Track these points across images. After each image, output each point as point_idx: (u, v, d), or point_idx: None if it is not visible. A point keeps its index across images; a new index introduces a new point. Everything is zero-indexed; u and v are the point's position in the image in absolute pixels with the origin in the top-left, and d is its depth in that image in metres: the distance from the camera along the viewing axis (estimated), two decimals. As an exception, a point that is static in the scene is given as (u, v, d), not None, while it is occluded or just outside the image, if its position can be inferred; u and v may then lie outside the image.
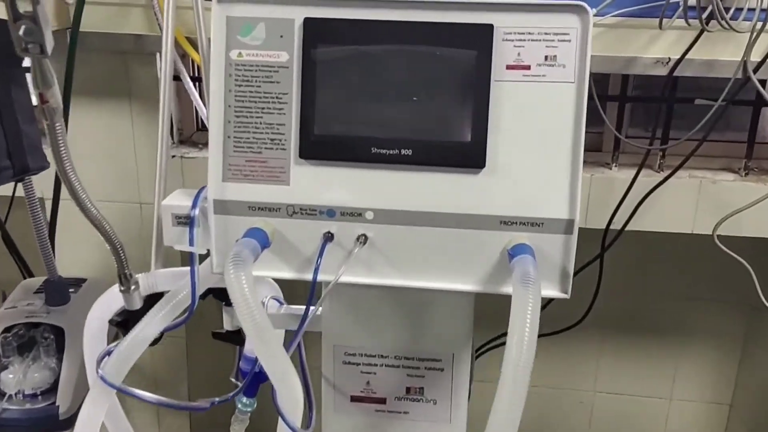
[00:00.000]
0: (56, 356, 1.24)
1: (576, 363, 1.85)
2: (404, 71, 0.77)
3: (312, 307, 0.80)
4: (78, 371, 1.23)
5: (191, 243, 0.80)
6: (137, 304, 0.85)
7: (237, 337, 1.03)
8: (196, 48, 1.20)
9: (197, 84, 1.37)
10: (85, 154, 1.36)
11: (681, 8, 1.12)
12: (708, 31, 1.15)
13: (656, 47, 1.23)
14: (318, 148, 0.79)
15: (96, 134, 1.42)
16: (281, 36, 0.78)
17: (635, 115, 1.51)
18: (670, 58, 1.23)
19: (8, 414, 1.21)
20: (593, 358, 1.85)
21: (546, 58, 0.75)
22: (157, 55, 1.36)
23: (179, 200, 0.83)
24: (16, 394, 1.21)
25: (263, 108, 0.79)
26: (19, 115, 1.06)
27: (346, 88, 0.77)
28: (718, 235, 1.32)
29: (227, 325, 1.03)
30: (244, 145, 0.80)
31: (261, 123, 0.79)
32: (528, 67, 0.76)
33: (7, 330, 1.24)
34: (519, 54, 0.75)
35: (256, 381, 1.06)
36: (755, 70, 1.20)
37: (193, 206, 0.81)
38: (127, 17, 1.29)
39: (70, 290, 1.34)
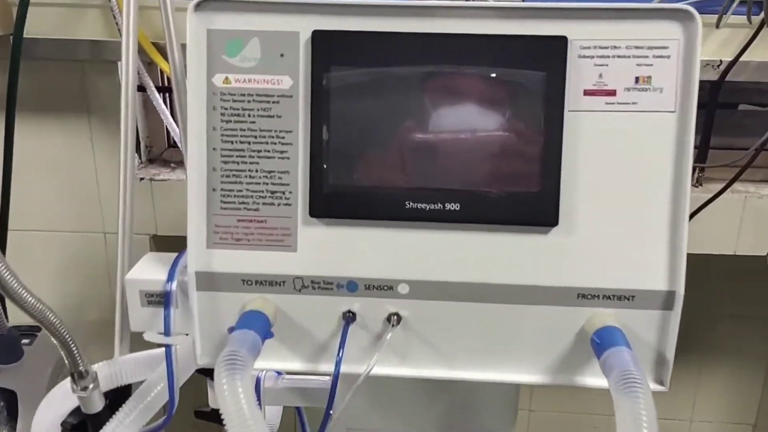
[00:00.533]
0: (8, 425, 1.07)
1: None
2: (448, 100, 0.57)
3: (331, 413, 0.61)
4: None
5: (167, 332, 0.60)
6: (97, 406, 0.65)
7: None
8: (165, 56, 1.01)
9: (166, 96, 1.18)
10: (34, 179, 1.22)
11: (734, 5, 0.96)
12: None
13: (705, 48, 1.07)
14: (334, 203, 0.59)
15: (49, 155, 1.26)
16: (282, 55, 0.58)
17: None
18: (721, 61, 1.07)
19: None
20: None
21: (637, 80, 0.57)
22: (119, 63, 1.19)
23: (149, 271, 0.63)
24: (-37, 470, 1.04)
25: (260, 151, 0.59)
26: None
27: (370, 123, 0.58)
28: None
29: (212, 403, 0.84)
30: (236, 200, 0.60)
31: (257, 170, 0.60)
32: (613, 93, 0.57)
33: (-49, 394, 1.07)
34: (601, 75, 0.57)
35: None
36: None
37: (169, 279, 0.61)
38: (81, 21, 1.13)
39: (23, 342, 1.16)
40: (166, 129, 1.38)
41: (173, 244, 0.90)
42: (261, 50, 0.58)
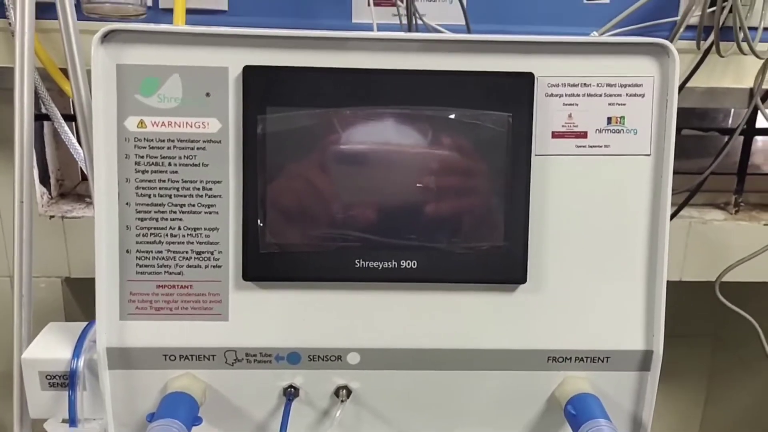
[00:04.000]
0: None
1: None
2: (403, 146, 0.50)
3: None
4: None
5: (72, 420, 0.50)
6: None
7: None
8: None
9: (74, 124, 1.08)
10: None
11: (682, 26, 0.93)
12: (720, 55, 0.97)
13: None
14: (271, 264, 0.51)
15: None
16: (208, 94, 0.50)
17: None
18: None
19: None
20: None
21: (610, 120, 0.51)
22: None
23: (51, 347, 0.53)
24: None
25: (183, 205, 0.51)
26: None
27: (311, 172, 0.50)
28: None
29: None
30: (155, 263, 0.51)
31: (180, 228, 0.51)
32: (584, 135, 0.51)
33: None
34: (571, 116, 0.51)
35: None
36: (762, 100, 1.03)
37: (75, 356, 0.52)
38: None
39: None
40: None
41: (89, 287, 0.81)
42: (182, 89, 0.50)
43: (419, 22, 0.91)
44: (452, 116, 0.51)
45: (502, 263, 0.52)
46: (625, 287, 0.53)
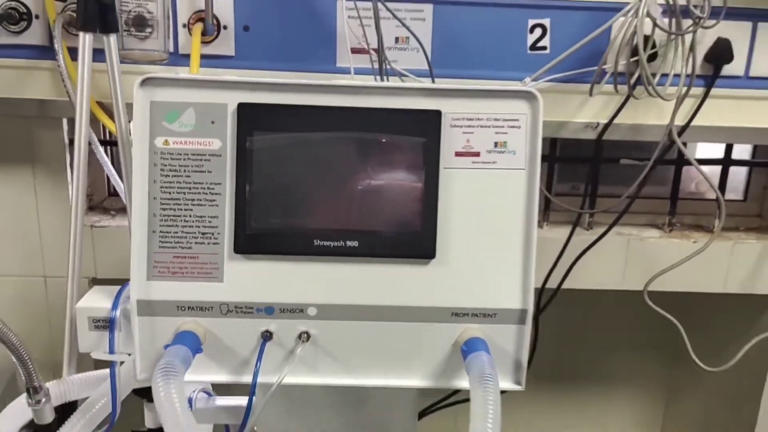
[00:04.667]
0: None
1: (511, 413, 1.85)
2: (348, 159, 0.72)
3: (250, 417, 0.73)
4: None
5: (111, 350, 0.72)
6: (48, 418, 0.76)
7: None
8: (108, 113, 1.13)
9: (109, 149, 1.29)
10: None
11: (609, 74, 1.14)
12: (635, 98, 1.17)
13: (585, 112, 1.24)
14: (254, 242, 0.72)
15: None
16: (213, 122, 0.72)
17: (562, 171, 1.52)
18: (598, 123, 1.24)
19: None
20: (529, 408, 1.86)
21: (496, 144, 0.73)
22: (64, 120, 1.28)
23: (96, 301, 0.74)
24: None
25: (193, 199, 0.72)
26: None
27: (285, 177, 0.72)
28: (636, 291, 1.35)
29: (149, 423, 0.94)
30: (172, 240, 0.73)
31: (191, 216, 0.73)
32: (477, 154, 0.73)
33: None
34: (468, 140, 0.72)
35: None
36: (679, 134, 1.23)
37: (114, 308, 0.73)
38: (30, 81, 1.21)
39: None
40: (107, 179, 1.48)
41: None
42: (195, 118, 0.72)
43: (389, 67, 1.13)
44: (384, 140, 0.72)
45: (418, 244, 0.73)
46: (507, 263, 0.73)
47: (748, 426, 1.54)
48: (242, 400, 0.93)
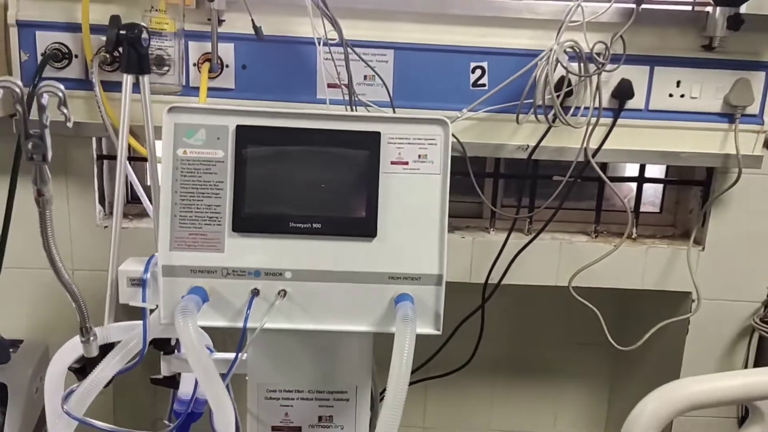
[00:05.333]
0: (0, 409, 1.38)
1: (471, 404, 2.09)
2: (314, 165, 1.01)
3: (242, 347, 1.01)
4: (21, 420, 1.37)
5: (144, 300, 1.00)
6: (94, 352, 1.04)
7: (172, 381, 1.21)
8: (132, 134, 1.42)
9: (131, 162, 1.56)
10: (22, 225, 1.46)
11: (531, 109, 1.43)
12: (553, 126, 1.46)
13: (518, 136, 1.52)
14: (247, 223, 1.01)
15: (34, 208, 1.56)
16: (218, 138, 1.01)
17: (509, 187, 1.80)
18: (528, 145, 1.52)
19: (-40, 459, 1.33)
20: (486, 399, 2.09)
21: (419, 156, 1.02)
22: (93, 139, 1.55)
23: (133, 266, 1.03)
24: (-36, 442, 1.34)
25: (203, 193, 1.02)
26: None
27: (269, 177, 1.01)
28: (574, 287, 1.61)
29: (164, 371, 1.21)
30: (188, 222, 1.02)
31: (201, 204, 1.01)
32: (406, 163, 1.02)
33: (-47, 387, 1.37)
34: (400, 153, 1.02)
35: (189, 420, 1.24)
36: (594, 155, 1.51)
37: (145, 271, 1.01)
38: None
39: (10, 350, 1.48)
40: (127, 188, 1.76)
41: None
42: (206, 135, 1.01)
43: (357, 99, 1.42)
44: (339, 151, 1.01)
45: (364, 226, 1.02)
46: (427, 241, 1.02)
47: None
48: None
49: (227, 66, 1.44)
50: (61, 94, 0.87)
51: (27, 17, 1.41)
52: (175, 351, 1.17)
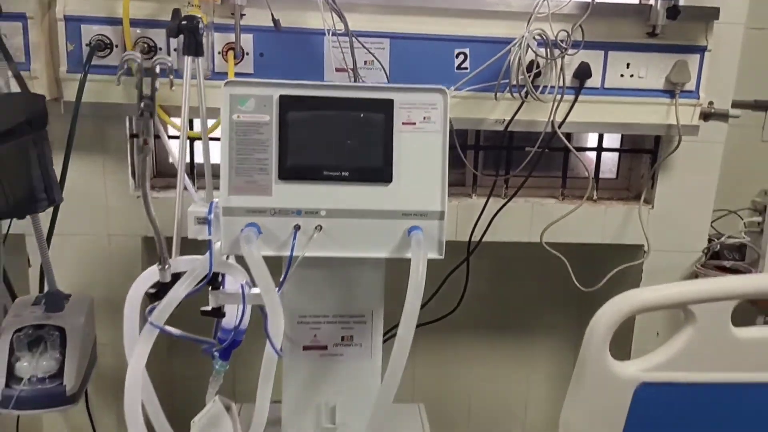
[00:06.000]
0: (59, 349, 1.59)
1: (455, 358, 2.36)
2: (342, 126, 1.28)
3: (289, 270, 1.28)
4: (78, 359, 1.59)
5: (209, 233, 1.26)
6: (168, 279, 1.29)
7: (218, 312, 1.46)
8: (167, 113, 1.68)
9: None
10: (69, 197, 1.66)
11: (507, 88, 1.71)
12: (526, 101, 1.75)
13: (496, 111, 1.80)
14: (290, 172, 1.28)
15: (75, 180, 1.73)
16: (264, 105, 1.27)
17: (487, 158, 2.08)
18: (504, 119, 1.80)
19: (24, 394, 1.55)
20: (471, 353, 2.36)
21: (424, 118, 1.29)
22: (127, 118, 1.78)
23: (199, 207, 1.29)
24: (29, 378, 1.55)
25: (254, 149, 1.28)
26: (48, 163, 1.48)
27: (306, 136, 1.28)
28: (545, 242, 1.90)
29: (212, 304, 1.45)
30: (243, 172, 1.28)
31: (253, 158, 1.28)
32: (414, 123, 1.29)
33: (18, 331, 1.58)
34: (409, 116, 1.29)
35: (230, 348, 1.49)
36: (559, 126, 1.80)
37: (209, 212, 1.27)
38: (108, 91, 1.68)
39: (64, 301, 1.71)
40: (154, 161, 1.99)
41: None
42: (255, 103, 1.27)
43: (361, 81, 1.68)
44: (362, 115, 1.28)
45: (383, 174, 1.28)
46: (432, 185, 1.29)
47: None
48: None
49: (247, 54, 1.68)
50: (169, 64, 1.13)
51: (73, 12, 1.64)
52: (221, 287, 1.42)
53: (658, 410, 1.31)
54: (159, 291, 1.29)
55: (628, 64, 1.77)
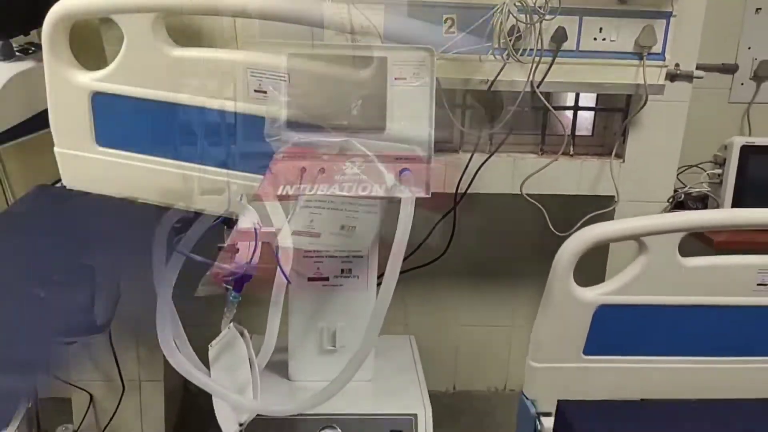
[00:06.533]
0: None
1: (443, 304, 2.56)
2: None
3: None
4: (105, 297, 1.78)
5: (227, 175, 1.44)
6: (192, 213, 1.48)
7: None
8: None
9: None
10: None
11: (490, 51, 1.89)
12: (507, 63, 1.92)
13: (480, 72, 1.97)
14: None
15: None
16: (276, 62, 1.46)
17: (475, 117, 2.25)
18: (488, 79, 1.97)
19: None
20: (456, 296, 2.57)
21: (413, 74, 1.47)
22: None
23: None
24: (63, 310, 1.75)
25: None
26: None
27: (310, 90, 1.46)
28: (526, 193, 2.09)
29: (228, 242, 1.64)
30: (256, 121, 1.46)
31: (265, 109, 1.46)
32: (405, 78, 1.47)
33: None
34: (401, 71, 1.47)
35: (242, 280, 1.68)
36: (538, 86, 1.97)
37: (225, 156, 1.46)
38: None
39: None
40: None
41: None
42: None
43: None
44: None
45: (378, 121, 1.47)
46: (420, 132, 1.47)
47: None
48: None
49: (256, 19, 1.84)
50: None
51: None
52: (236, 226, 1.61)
53: (614, 329, 1.52)
54: (183, 225, 1.48)
55: (600, 29, 1.92)
